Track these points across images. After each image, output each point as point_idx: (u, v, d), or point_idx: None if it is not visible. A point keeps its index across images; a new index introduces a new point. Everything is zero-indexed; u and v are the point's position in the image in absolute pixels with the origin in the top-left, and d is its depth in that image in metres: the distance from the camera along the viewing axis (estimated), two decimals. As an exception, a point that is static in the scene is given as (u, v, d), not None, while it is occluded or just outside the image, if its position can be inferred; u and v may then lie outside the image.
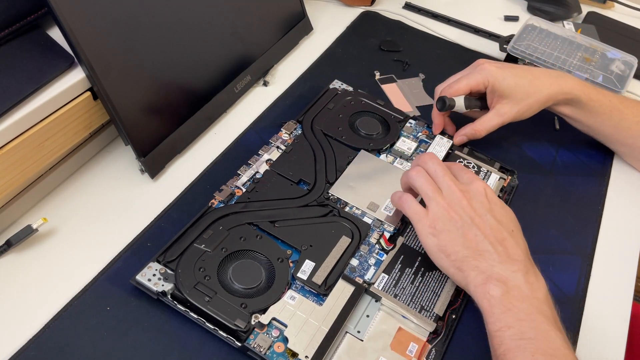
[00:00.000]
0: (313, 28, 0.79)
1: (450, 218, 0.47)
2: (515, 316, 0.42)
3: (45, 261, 0.49)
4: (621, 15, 0.93)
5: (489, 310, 0.43)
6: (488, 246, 0.46)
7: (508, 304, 0.43)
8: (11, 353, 0.43)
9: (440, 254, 0.47)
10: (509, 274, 0.44)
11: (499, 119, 0.60)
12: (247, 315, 0.45)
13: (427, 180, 0.49)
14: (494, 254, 0.45)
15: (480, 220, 0.47)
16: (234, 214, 0.51)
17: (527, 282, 0.44)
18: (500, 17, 0.89)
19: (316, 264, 0.49)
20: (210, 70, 0.63)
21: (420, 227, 0.48)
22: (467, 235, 0.46)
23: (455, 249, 0.46)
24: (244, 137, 0.62)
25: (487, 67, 0.60)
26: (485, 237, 0.46)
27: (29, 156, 0.49)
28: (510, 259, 0.45)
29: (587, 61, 0.74)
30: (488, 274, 0.44)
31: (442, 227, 0.47)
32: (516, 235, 0.47)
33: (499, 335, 0.42)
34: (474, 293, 0.45)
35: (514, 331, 0.42)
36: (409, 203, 0.49)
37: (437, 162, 0.50)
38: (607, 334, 0.50)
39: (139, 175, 0.57)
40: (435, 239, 0.47)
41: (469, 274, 0.45)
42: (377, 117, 0.64)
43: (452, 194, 0.48)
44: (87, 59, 0.49)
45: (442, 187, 0.48)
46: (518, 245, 0.46)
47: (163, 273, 0.46)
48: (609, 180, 0.64)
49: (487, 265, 0.45)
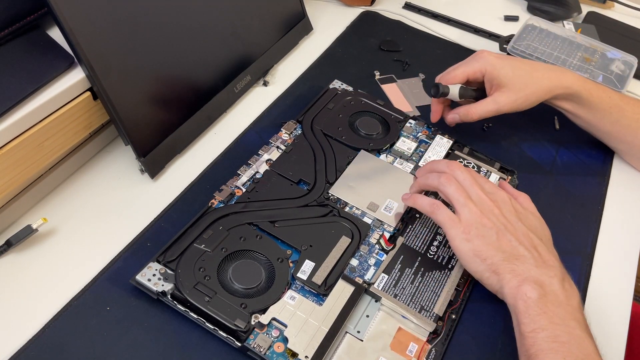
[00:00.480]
0: (313, 28, 0.79)
1: (484, 224, 0.48)
2: (549, 319, 0.43)
3: (45, 261, 0.50)
4: (621, 15, 0.93)
5: (525, 311, 0.44)
6: (524, 251, 0.47)
7: (544, 307, 0.43)
8: (11, 353, 0.43)
9: (475, 258, 0.47)
10: (546, 278, 0.45)
11: (494, 106, 0.60)
12: (247, 315, 0.45)
13: (458, 188, 0.50)
14: (530, 258, 0.46)
15: (513, 227, 0.48)
16: (234, 214, 0.51)
17: (563, 288, 0.45)
18: (500, 17, 0.89)
19: (316, 264, 0.49)
20: (210, 70, 0.63)
21: (454, 233, 0.48)
22: (501, 240, 0.47)
23: (490, 253, 0.47)
24: (244, 137, 0.62)
25: (485, 56, 0.61)
26: (520, 243, 0.47)
27: (29, 156, 0.49)
28: (546, 265, 0.46)
29: (587, 61, 0.74)
30: (525, 277, 0.45)
31: (476, 232, 0.47)
32: (547, 243, 0.49)
33: (532, 337, 0.43)
34: (508, 295, 0.46)
35: (548, 333, 0.42)
36: (440, 210, 0.50)
37: (466, 170, 0.51)
38: (607, 333, 0.50)
39: (139, 175, 0.57)
40: (470, 244, 0.47)
41: (505, 276, 0.46)
42: (377, 117, 0.64)
43: (482, 202, 0.49)
44: (87, 59, 0.49)
45: (472, 195, 0.49)
46: (551, 252, 0.48)
47: (163, 273, 0.46)
48: (609, 180, 0.64)
49: (524, 268, 0.46)
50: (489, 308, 0.49)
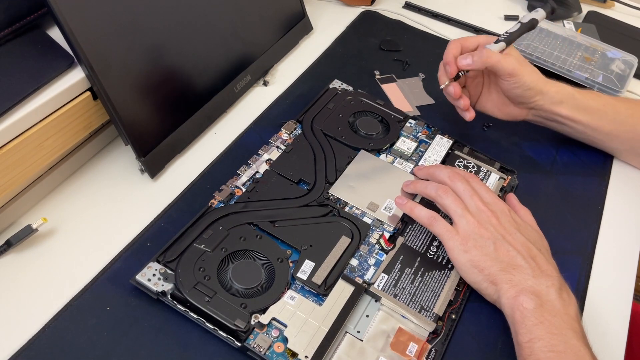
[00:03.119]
0: (313, 28, 0.79)
1: (481, 235, 0.48)
2: (546, 329, 0.43)
3: (45, 261, 0.50)
4: (621, 15, 0.93)
5: (521, 321, 0.44)
6: (521, 261, 0.47)
7: (540, 317, 0.44)
8: (11, 353, 0.43)
9: (473, 269, 0.47)
10: (543, 288, 0.45)
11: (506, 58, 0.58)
12: (247, 315, 0.45)
13: (455, 199, 0.50)
14: (527, 268, 0.46)
15: (511, 237, 0.48)
16: (234, 214, 0.52)
17: (560, 297, 0.45)
18: (500, 17, 0.89)
19: (316, 264, 0.49)
20: (210, 70, 0.63)
21: (452, 245, 0.48)
22: (499, 251, 0.47)
23: (488, 264, 0.47)
24: (244, 137, 0.62)
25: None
26: (518, 253, 0.47)
27: (29, 156, 0.49)
28: (544, 274, 0.46)
29: (587, 60, 0.74)
30: (521, 287, 0.45)
31: (474, 243, 0.48)
32: (545, 253, 0.49)
33: (529, 346, 0.43)
34: (505, 305, 0.46)
35: (545, 343, 0.42)
36: (438, 222, 0.50)
37: (466, 181, 0.52)
38: (607, 333, 0.50)
39: (139, 175, 0.57)
40: (468, 254, 0.48)
41: (502, 286, 0.46)
42: (377, 117, 0.64)
43: (481, 213, 0.49)
44: (87, 59, 0.49)
45: (470, 206, 0.50)
46: (549, 262, 0.48)
47: (163, 273, 0.46)
48: (609, 180, 0.64)
49: (521, 278, 0.46)
50: (489, 308, 0.49)
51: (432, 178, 0.55)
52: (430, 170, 0.55)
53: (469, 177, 0.53)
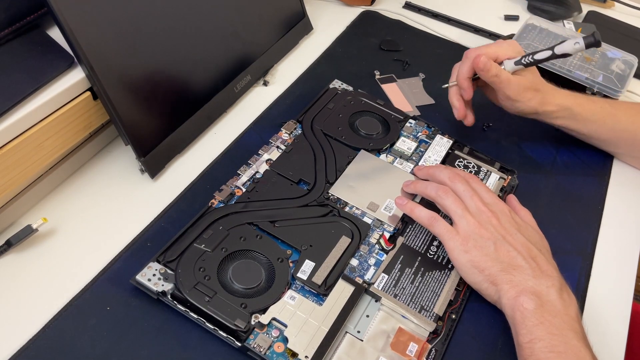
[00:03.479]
0: (313, 28, 0.79)
1: (482, 235, 0.48)
2: (547, 330, 0.43)
3: (45, 261, 0.50)
4: (621, 15, 0.93)
5: (522, 322, 0.44)
6: (521, 261, 0.47)
7: (541, 317, 0.44)
8: (11, 353, 0.43)
9: (473, 269, 0.48)
10: (543, 288, 0.45)
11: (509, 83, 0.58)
12: (247, 315, 0.45)
13: (455, 200, 0.50)
14: (527, 269, 0.46)
15: (511, 237, 0.48)
16: (234, 214, 0.51)
17: (560, 298, 0.45)
18: (501, 17, 0.89)
19: (316, 264, 0.49)
20: (210, 70, 0.63)
21: (452, 245, 0.48)
22: (499, 251, 0.47)
23: (488, 264, 0.47)
24: (244, 137, 0.62)
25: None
26: (518, 253, 0.47)
27: (29, 156, 0.49)
28: (544, 275, 0.46)
29: (587, 60, 0.74)
30: (522, 287, 0.45)
31: (474, 244, 0.48)
32: (546, 254, 0.49)
33: (530, 347, 0.43)
34: (506, 305, 0.46)
35: (545, 344, 0.42)
36: (438, 223, 0.50)
37: (466, 182, 0.52)
38: (607, 333, 0.50)
39: (139, 175, 0.57)
40: (468, 255, 0.48)
41: (502, 287, 0.46)
42: (377, 117, 0.64)
43: (481, 213, 0.49)
44: (87, 59, 0.49)
45: (470, 207, 0.50)
46: (550, 263, 0.48)
47: (163, 273, 0.46)
48: (609, 180, 0.64)
49: (521, 278, 0.46)
50: (489, 308, 0.49)
51: (432, 178, 0.55)
52: (430, 170, 0.55)
53: (469, 178, 0.53)
